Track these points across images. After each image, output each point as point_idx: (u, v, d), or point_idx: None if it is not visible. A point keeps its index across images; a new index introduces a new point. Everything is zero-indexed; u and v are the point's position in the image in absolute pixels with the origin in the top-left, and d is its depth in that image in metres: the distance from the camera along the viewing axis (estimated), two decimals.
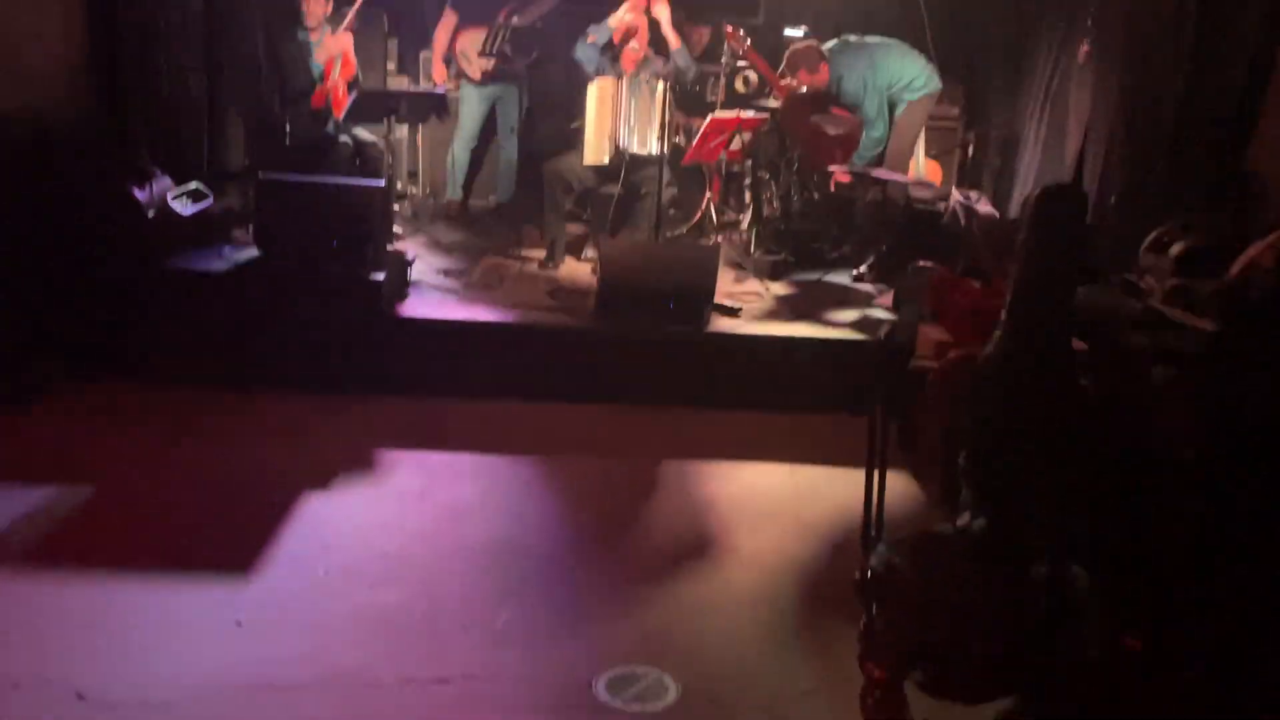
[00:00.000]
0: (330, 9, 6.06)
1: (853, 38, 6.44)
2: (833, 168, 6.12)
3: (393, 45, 7.24)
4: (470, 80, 6.85)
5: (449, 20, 6.85)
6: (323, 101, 6.00)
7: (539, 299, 5.32)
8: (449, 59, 6.90)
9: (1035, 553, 2.81)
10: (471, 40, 6.72)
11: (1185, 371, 3.29)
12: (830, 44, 6.38)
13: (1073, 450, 3.32)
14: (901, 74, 6.27)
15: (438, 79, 6.89)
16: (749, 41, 6.39)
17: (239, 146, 6.07)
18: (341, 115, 5.93)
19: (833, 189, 6.30)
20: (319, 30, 6.02)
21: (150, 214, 4.66)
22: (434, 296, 5.25)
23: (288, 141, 5.77)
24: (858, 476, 2.85)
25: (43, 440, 4.19)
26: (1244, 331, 3.58)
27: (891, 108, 6.35)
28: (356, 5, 5.97)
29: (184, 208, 4.94)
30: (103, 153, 4.89)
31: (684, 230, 6.95)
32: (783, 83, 6.34)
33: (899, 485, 4.25)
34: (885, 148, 6.33)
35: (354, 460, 4.18)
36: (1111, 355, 3.55)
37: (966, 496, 3.29)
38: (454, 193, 7.19)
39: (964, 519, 2.92)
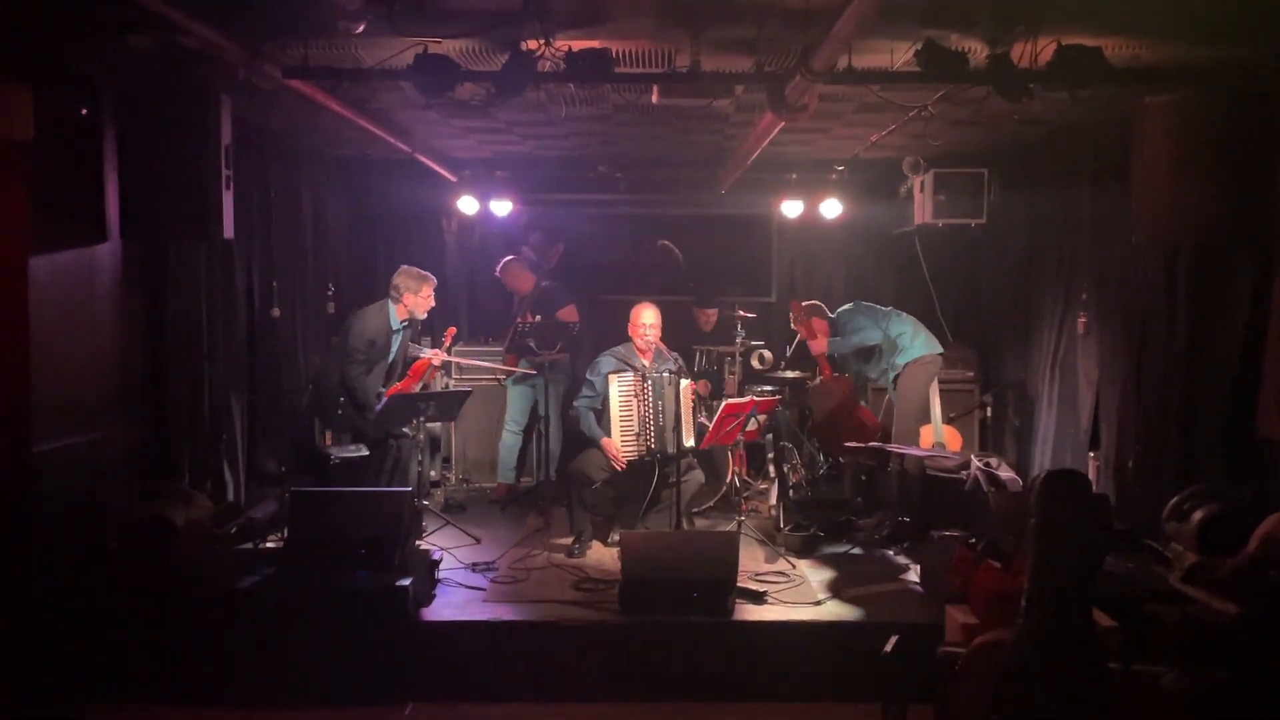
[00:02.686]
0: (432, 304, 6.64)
1: (862, 304, 6.78)
2: (849, 444, 6.26)
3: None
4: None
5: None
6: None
7: (564, 592, 5.35)
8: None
9: None
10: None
11: (1198, 679, 3.22)
12: (846, 306, 6.70)
13: None
14: (906, 332, 6.48)
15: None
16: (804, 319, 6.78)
17: (277, 451, 6.34)
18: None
19: (843, 459, 6.44)
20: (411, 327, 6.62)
21: (185, 536, 4.83)
22: (459, 595, 5.30)
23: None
24: None
25: None
26: (1265, 616, 3.54)
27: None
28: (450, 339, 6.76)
29: (219, 526, 5.13)
30: (143, 477, 5.13)
31: (711, 504, 7.04)
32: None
33: None
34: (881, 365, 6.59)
35: None
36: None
37: None
38: (504, 477, 7.47)
39: None
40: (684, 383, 6.19)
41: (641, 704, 4.74)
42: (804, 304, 6.82)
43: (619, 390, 6.12)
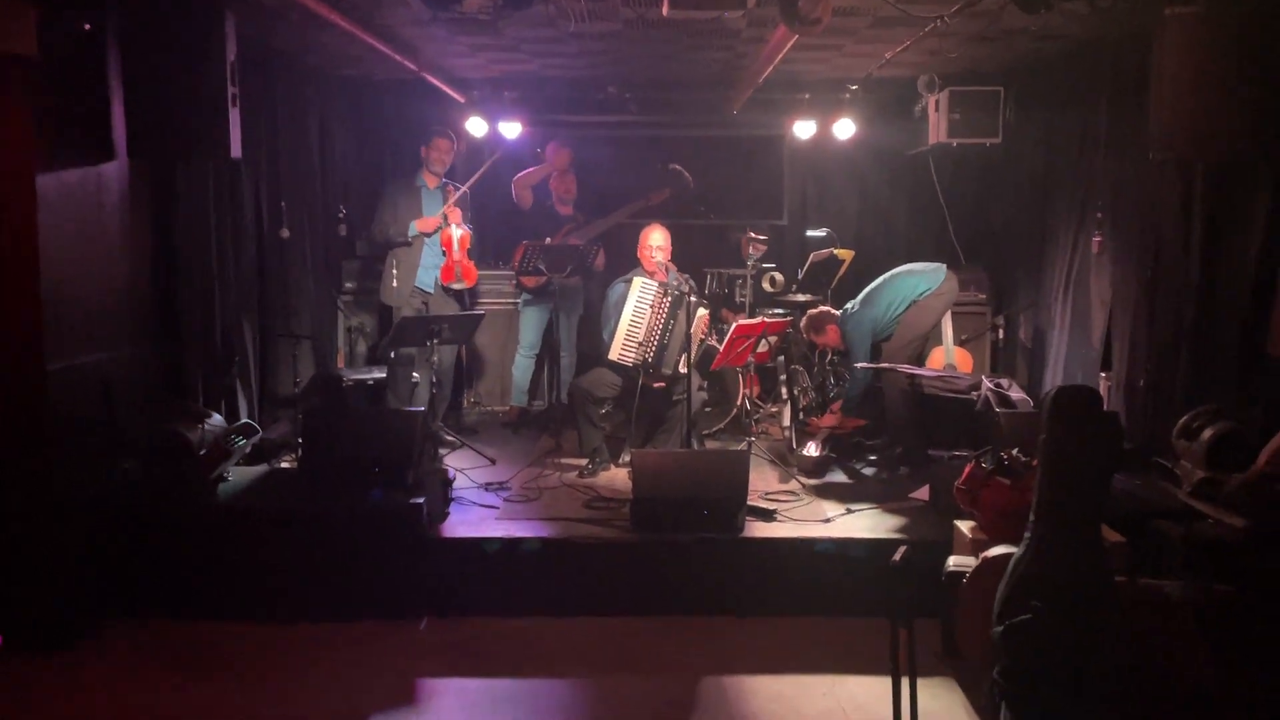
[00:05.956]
0: (452, 160, 6.97)
1: (863, 294, 6.46)
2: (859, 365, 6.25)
3: None
4: (527, 290, 7.28)
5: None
6: (453, 276, 6.79)
7: (576, 510, 5.41)
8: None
9: None
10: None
11: (1204, 591, 3.24)
12: (844, 310, 6.49)
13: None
14: (900, 295, 6.30)
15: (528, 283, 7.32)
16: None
17: (290, 372, 6.37)
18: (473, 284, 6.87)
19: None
20: (436, 185, 6.91)
21: (201, 453, 4.88)
22: (474, 513, 5.36)
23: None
24: None
25: (89, 683, 4.26)
26: (1273, 530, 3.56)
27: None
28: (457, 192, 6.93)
29: (234, 445, 5.18)
30: (158, 397, 5.17)
31: (721, 426, 7.08)
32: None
33: (943, 695, 4.18)
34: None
35: (394, 694, 4.21)
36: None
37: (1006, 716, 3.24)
38: (517, 400, 7.50)
39: None
40: (701, 311, 6.17)
41: (651, 618, 4.83)
42: (811, 315, 6.63)
43: (639, 295, 6.12)
